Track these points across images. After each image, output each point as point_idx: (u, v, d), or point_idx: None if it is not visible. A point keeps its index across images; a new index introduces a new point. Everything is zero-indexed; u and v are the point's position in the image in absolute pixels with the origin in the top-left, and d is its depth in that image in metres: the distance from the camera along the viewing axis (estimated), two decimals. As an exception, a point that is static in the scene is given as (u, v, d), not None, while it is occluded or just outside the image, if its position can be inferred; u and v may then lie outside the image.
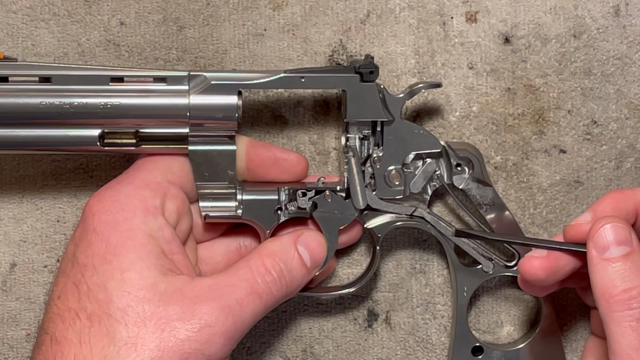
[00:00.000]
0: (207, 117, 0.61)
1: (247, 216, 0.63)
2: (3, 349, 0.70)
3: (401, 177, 0.64)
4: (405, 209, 0.65)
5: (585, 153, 0.69)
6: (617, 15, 0.68)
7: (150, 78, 0.62)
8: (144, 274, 0.58)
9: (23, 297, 0.70)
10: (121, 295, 0.57)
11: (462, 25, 0.69)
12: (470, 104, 0.69)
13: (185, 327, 0.57)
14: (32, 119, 0.61)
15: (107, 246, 0.59)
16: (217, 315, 0.58)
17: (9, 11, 0.68)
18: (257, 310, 0.60)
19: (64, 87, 0.61)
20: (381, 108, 0.63)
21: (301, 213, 0.64)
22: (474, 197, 0.66)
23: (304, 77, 0.62)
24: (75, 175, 0.70)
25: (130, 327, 0.57)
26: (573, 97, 0.69)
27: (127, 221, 0.59)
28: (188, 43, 0.69)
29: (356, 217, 0.64)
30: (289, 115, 0.69)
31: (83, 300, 0.58)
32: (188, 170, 0.63)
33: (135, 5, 0.69)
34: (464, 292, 0.66)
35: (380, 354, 0.71)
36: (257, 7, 0.69)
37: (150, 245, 0.59)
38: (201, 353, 0.57)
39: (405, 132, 0.64)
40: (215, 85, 0.61)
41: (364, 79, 0.62)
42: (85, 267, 0.59)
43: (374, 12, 0.69)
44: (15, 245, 0.70)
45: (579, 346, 0.71)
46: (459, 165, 0.65)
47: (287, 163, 0.64)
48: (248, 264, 0.61)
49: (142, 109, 0.61)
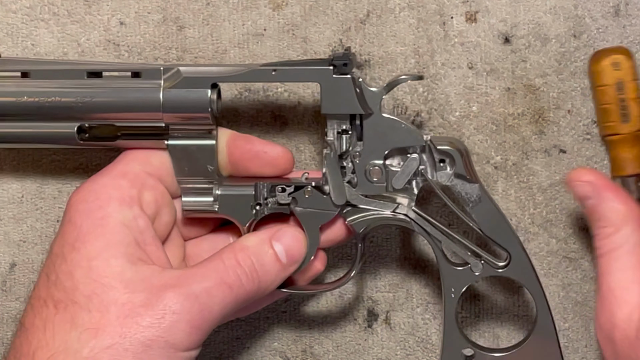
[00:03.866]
0: (181, 110, 0.61)
1: (223, 211, 0.63)
2: (3, 349, 0.71)
3: (382, 172, 0.63)
4: (388, 206, 0.63)
5: (585, 153, 0.69)
6: (617, 15, 0.68)
7: (127, 73, 0.62)
8: (111, 262, 0.58)
9: (23, 297, 0.70)
10: (87, 283, 0.57)
11: (462, 25, 0.68)
12: (470, 103, 0.69)
13: (148, 313, 0.57)
14: (11, 114, 0.62)
15: (77, 234, 0.59)
16: (182, 302, 0.57)
17: (8, 11, 0.68)
18: (226, 301, 0.59)
19: (42, 81, 0.61)
20: (357, 101, 0.61)
21: (281, 209, 0.63)
22: (459, 194, 0.63)
23: (276, 70, 0.61)
24: (75, 175, 0.70)
25: (93, 313, 0.57)
26: (573, 97, 0.69)
27: (100, 209, 0.59)
28: (188, 43, 0.69)
29: (339, 214, 0.63)
30: (289, 115, 0.69)
31: (51, 289, 0.58)
32: (168, 164, 0.63)
33: (135, 5, 0.69)
34: (451, 294, 0.64)
35: (380, 354, 0.71)
36: (257, 7, 0.69)
37: (122, 234, 0.59)
38: (164, 340, 0.56)
39: (386, 127, 0.62)
40: (187, 79, 0.61)
41: (338, 72, 0.61)
42: (56, 256, 0.59)
43: (374, 12, 0.69)
44: (15, 245, 0.70)
45: (579, 346, 0.71)
46: (443, 161, 0.63)
47: (267, 156, 0.63)
48: (220, 256, 0.60)
49: (117, 103, 0.61)
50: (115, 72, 0.62)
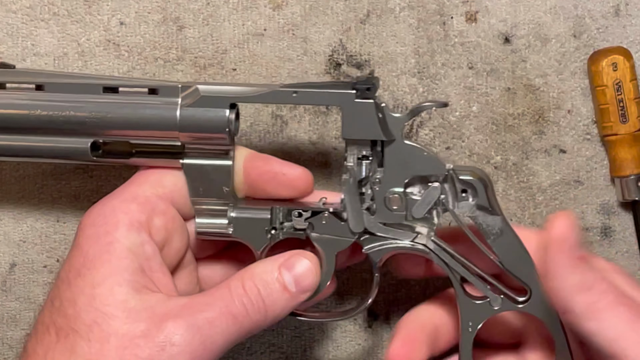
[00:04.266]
0: (198, 130, 0.59)
1: (238, 235, 0.61)
2: (3, 349, 0.70)
3: (402, 201, 0.61)
4: (406, 235, 0.61)
5: (585, 153, 0.69)
6: (617, 15, 0.68)
7: (144, 89, 0.60)
8: (114, 290, 0.56)
9: (23, 297, 0.70)
10: (89, 311, 0.56)
11: (462, 25, 0.69)
12: (470, 103, 0.69)
13: (147, 345, 0.55)
14: (23, 127, 0.60)
15: (84, 260, 0.57)
16: (183, 333, 0.55)
17: (8, 11, 0.68)
18: (230, 332, 0.57)
19: (56, 94, 0.60)
20: (379, 127, 0.59)
21: (297, 234, 0.61)
22: (480, 226, 0.61)
23: (297, 92, 0.59)
24: (75, 175, 0.70)
25: (92, 344, 0.55)
26: (573, 97, 0.69)
27: (108, 234, 0.58)
28: (188, 43, 0.69)
29: (356, 241, 0.61)
30: (289, 115, 0.69)
31: (54, 315, 0.57)
32: (182, 185, 0.61)
33: (135, 5, 0.69)
34: (468, 328, 0.61)
35: (380, 354, 0.71)
36: (257, 7, 0.69)
37: (127, 260, 0.57)
38: None
39: (408, 154, 0.60)
40: (206, 98, 0.59)
41: (361, 96, 0.59)
42: (62, 282, 0.58)
43: (374, 12, 0.69)
44: (15, 245, 0.70)
45: None
46: (465, 191, 0.61)
47: (285, 178, 0.61)
48: (228, 284, 0.58)
49: (133, 120, 0.60)
50: (132, 88, 0.60)
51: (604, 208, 0.70)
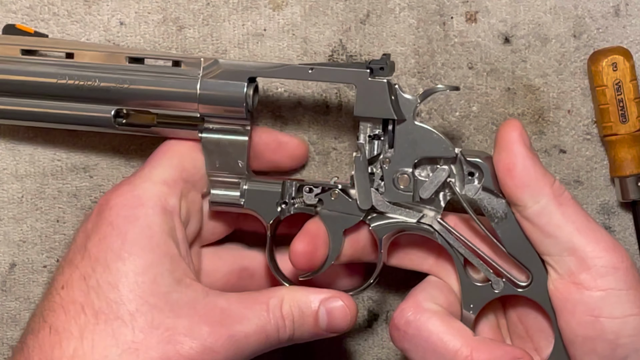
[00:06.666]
0: (216, 102, 0.62)
1: (249, 206, 0.63)
2: (3, 349, 0.70)
3: (410, 181, 0.62)
4: (413, 215, 0.63)
5: (585, 153, 0.69)
6: (617, 15, 0.68)
7: (168, 62, 0.63)
8: (158, 280, 0.57)
9: (23, 297, 0.70)
10: (132, 299, 0.57)
11: (462, 25, 0.69)
12: (470, 104, 0.69)
13: (190, 344, 0.57)
14: (51, 94, 0.63)
15: (122, 242, 0.58)
16: (223, 342, 0.57)
17: (8, 11, 0.68)
18: (259, 347, 0.60)
19: (84, 63, 0.62)
20: (390, 106, 0.61)
21: (307, 209, 0.63)
22: (485, 209, 0.62)
23: (313, 68, 0.61)
24: (75, 175, 0.70)
25: (136, 333, 0.56)
26: (573, 97, 0.69)
27: (146, 217, 0.59)
28: (188, 43, 0.69)
29: (363, 220, 0.63)
30: (289, 115, 0.69)
31: (91, 295, 0.57)
32: (200, 167, 0.63)
33: (135, 5, 0.69)
34: (469, 310, 0.63)
35: (380, 354, 0.71)
36: (257, 7, 0.69)
37: (167, 246, 0.59)
38: None
39: (418, 135, 0.62)
40: (226, 72, 0.62)
41: (374, 75, 0.61)
42: (97, 261, 0.58)
43: (374, 12, 0.69)
44: (15, 245, 0.70)
45: None
46: (472, 174, 0.62)
47: (289, 146, 0.65)
48: (267, 301, 0.60)
49: (155, 91, 0.62)
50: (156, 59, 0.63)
51: (604, 208, 0.70)
